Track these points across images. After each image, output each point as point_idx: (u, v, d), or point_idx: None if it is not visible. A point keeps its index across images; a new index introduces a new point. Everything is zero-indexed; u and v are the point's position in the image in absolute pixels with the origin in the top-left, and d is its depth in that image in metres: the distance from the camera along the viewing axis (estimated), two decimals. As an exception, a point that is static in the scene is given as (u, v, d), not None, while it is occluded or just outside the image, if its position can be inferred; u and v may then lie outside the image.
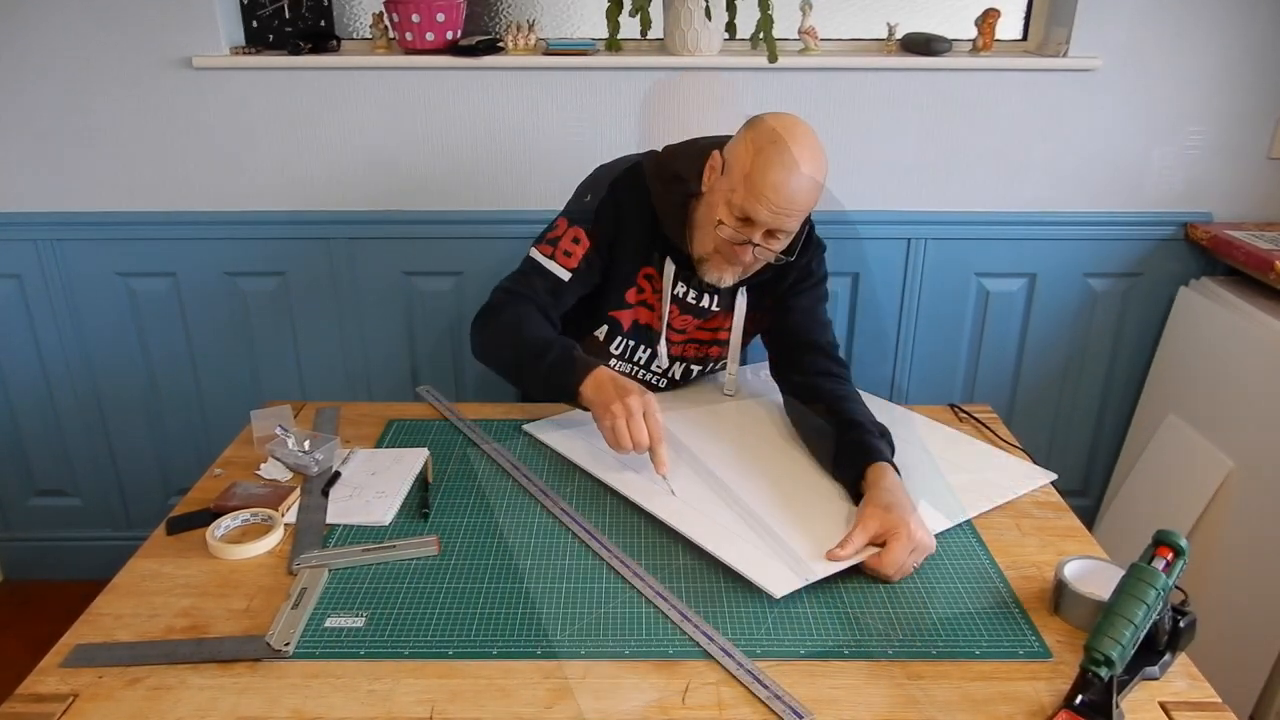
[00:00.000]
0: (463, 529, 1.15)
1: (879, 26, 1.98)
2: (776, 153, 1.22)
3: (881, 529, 1.06)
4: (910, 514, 1.07)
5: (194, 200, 1.95)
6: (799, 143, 1.23)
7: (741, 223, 1.26)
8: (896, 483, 1.12)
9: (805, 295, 1.43)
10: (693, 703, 0.87)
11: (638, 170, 1.39)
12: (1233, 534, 1.73)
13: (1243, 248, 1.82)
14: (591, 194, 1.38)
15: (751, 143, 1.25)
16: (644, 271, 1.41)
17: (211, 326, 2.05)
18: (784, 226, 1.26)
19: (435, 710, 0.86)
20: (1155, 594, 0.85)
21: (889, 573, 1.04)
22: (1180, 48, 1.86)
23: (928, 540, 1.06)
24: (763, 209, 1.23)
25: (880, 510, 1.07)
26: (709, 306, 1.44)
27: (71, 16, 1.80)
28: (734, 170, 1.26)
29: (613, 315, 1.43)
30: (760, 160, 1.22)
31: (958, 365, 2.11)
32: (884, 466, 1.14)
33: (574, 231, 1.37)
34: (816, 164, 1.24)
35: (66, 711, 0.86)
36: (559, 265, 1.37)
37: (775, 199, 1.22)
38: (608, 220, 1.36)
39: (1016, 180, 1.96)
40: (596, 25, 1.97)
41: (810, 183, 1.23)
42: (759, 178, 1.22)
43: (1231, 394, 1.79)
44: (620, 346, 1.46)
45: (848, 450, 1.20)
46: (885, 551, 1.04)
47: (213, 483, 1.25)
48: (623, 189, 1.37)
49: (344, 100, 1.88)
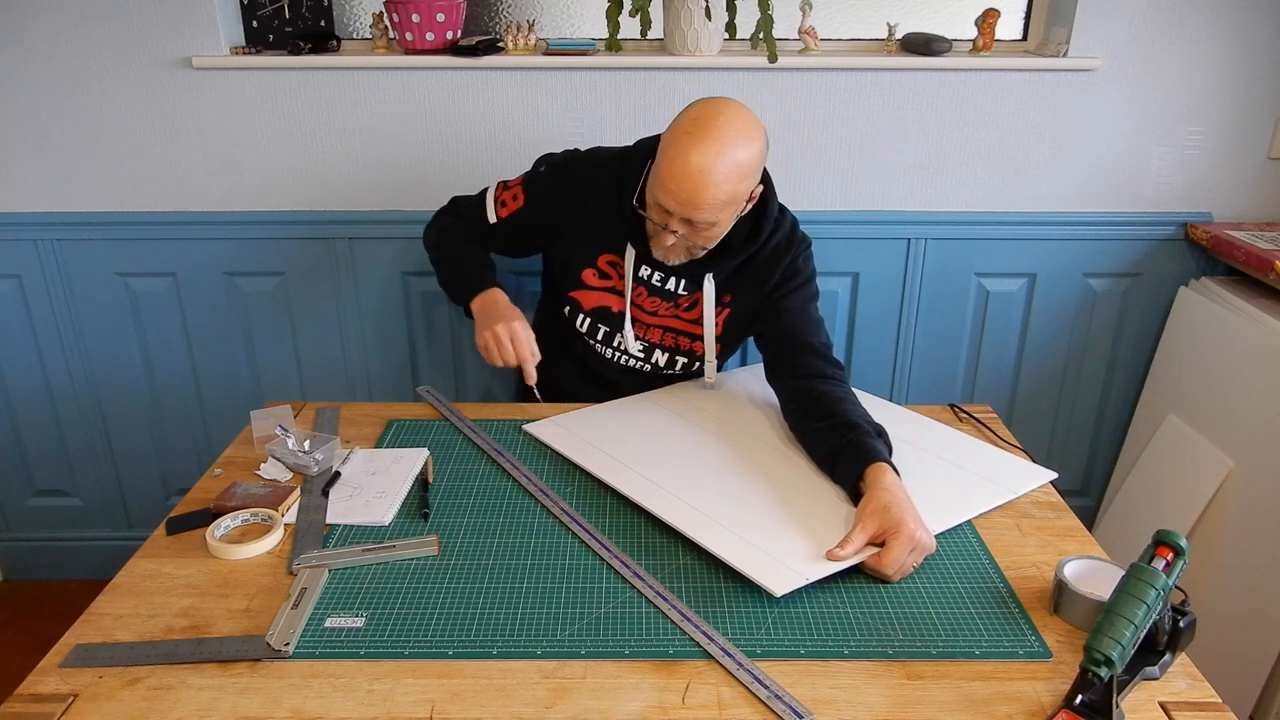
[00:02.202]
0: (463, 529, 1.15)
1: (879, 26, 1.98)
2: (679, 147, 1.23)
3: (881, 529, 1.06)
4: (909, 514, 1.07)
5: (194, 200, 1.95)
6: (709, 137, 1.22)
7: (656, 209, 1.29)
8: (895, 482, 1.12)
9: (794, 295, 1.43)
10: (693, 703, 0.87)
11: (605, 160, 1.44)
12: (1233, 534, 1.73)
13: (1243, 248, 1.82)
14: (549, 170, 1.48)
15: (670, 130, 1.27)
16: (605, 258, 1.44)
17: (211, 327, 2.05)
18: (694, 217, 1.26)
19: (435, 710, 0.86)
20: (1155, 594, 0.85)
21: (889, 573, 1.04)
22: (1180, 48, 1.86)
23: (927, 540, 1.06)
24: (668, 199, 1.25)
25: (879, 510, 1.07)
26: (675, 290, 1.45)
27: (71, 16, 1.80)
28: (657, 157, 1.29)
29: (572, 296, 1.48)
30: (669, 151, 1.25)
31: (958, 365, 2.11)
32: (882, 467, 1.14)
33: (514, 190, 1.49)
34: (722, 158, 1.22)
35: (66, 711, 0.86)
36: (490, 209, 1.50)
37: (677, 191, 1.24)
38: (557, 200, 1.44)
39: (1016, 180, 1.96)
40: (596, 25, 1.97)
41: (710, 178, 1.22)
42: (665, 169, 1.25)
43: (1231, 394, 1.79)
44: (584, 324, 1.50)
45: (846, 452, 1.20)
46: (885, 551, 1.04)
47: (212, 483, 1.25)
48: (586, 173, 1.44)
49: (344, 100, 1.88)
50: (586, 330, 1.51)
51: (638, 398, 1.50)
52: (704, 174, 1.22)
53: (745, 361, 2.07)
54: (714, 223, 1.29)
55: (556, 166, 1.46)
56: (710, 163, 1.22)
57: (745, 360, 2.08)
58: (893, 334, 2.07)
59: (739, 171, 1.25)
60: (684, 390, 1.53)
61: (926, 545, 1.06)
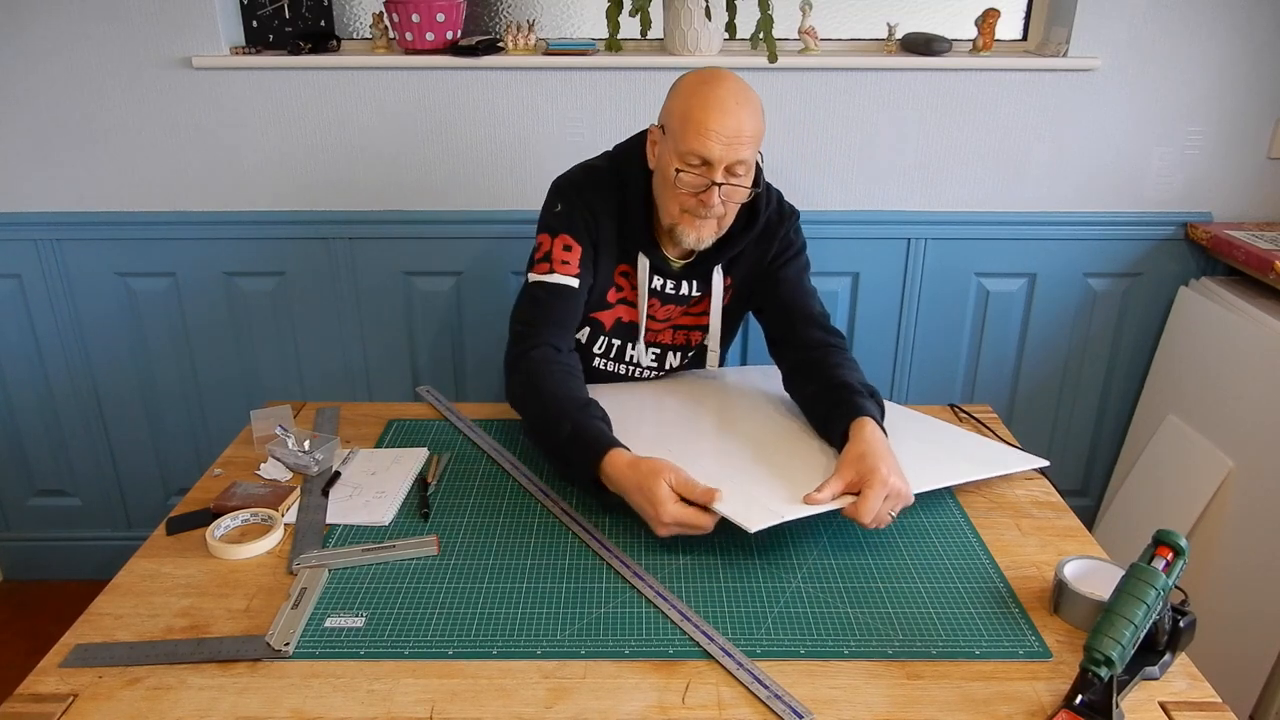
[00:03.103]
0: (463, 529, 1.15)
1: (879, 26, 1.98)
2: (709, 89, 1.26)
3: (856, 477, 1.09)
4: (884, 461, 1.09)
5: (194, 200, 1.95)
6: (725, 79, 1.27)
7: (698, 167, 1.28)
8: (876, 435, 1.15)
9: (790, 266, 1.44)
10: (693, 703, 0.87)
11: (595, 172, 1.41)
12: (1233, 534, 1.73)
13: (1243, 248, 1.82)
14: (561, 202, 1.38)
15: (681, 94, 1.28)
16: (620, 269, 1.42)
17: (211, 326, 2.05)
18: (739, 156, 1.26)
19: (435, 710, 0.86)
20: (1155, 594, 0.85)
21: (865, 520, 1.06)
22: (1180, 48, 1.86)
23: (902, 487, 1.09)
24: (713, 144, 1.25)
25: (855, 459, 1.11)
26: (690, 293, 1.44)
27: (71, 16, 1.80)
28: (674, 125, 1.28)
29: (594, 317, 1.44)
30: (696, 101, 1.25)
31: (958, 365, 2.11)
32: (865, 420, 1.17)
33: (561, 240, 1.36)
34: (748, 92, 1.27)
35: (66, 711, 0.86)
36: (562, 275, 1.35)
37: (721, 130, 1.24)
38: (585, 221, 1.37)
39: (1016, 180, 1.96)
40: (596, 25, 1.97)
41: (750, 107, 1.26)
42: (701, 116, 1.24)
43: (1231, 394, 1.79)
44: (603, 346, 1.47)
45: (835, 411, 1.23)
46: (860, 499, 1.07)
47: (212, 483, 1.25)
48: (589, 189, 1.38)
49: (344, 100, 1.88)
50: (602, 351, 1.47)
51: (626, 384, 1.51)
52: (740, 103, 1.25)
53: (745, 353, 2.08)
54: (748, 168, 1.29)
55: (567, 194, 1.39)
56: (743, 91, 1.26)
57: (745, 354, 2.08)
58: (893, 334, 2.07)
59: (761, 108, 1.29)
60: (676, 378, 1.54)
61: (902, 493, 1.09)
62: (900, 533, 1.14)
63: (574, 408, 1.22)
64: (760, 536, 1.10)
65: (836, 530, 1.15)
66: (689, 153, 1.26)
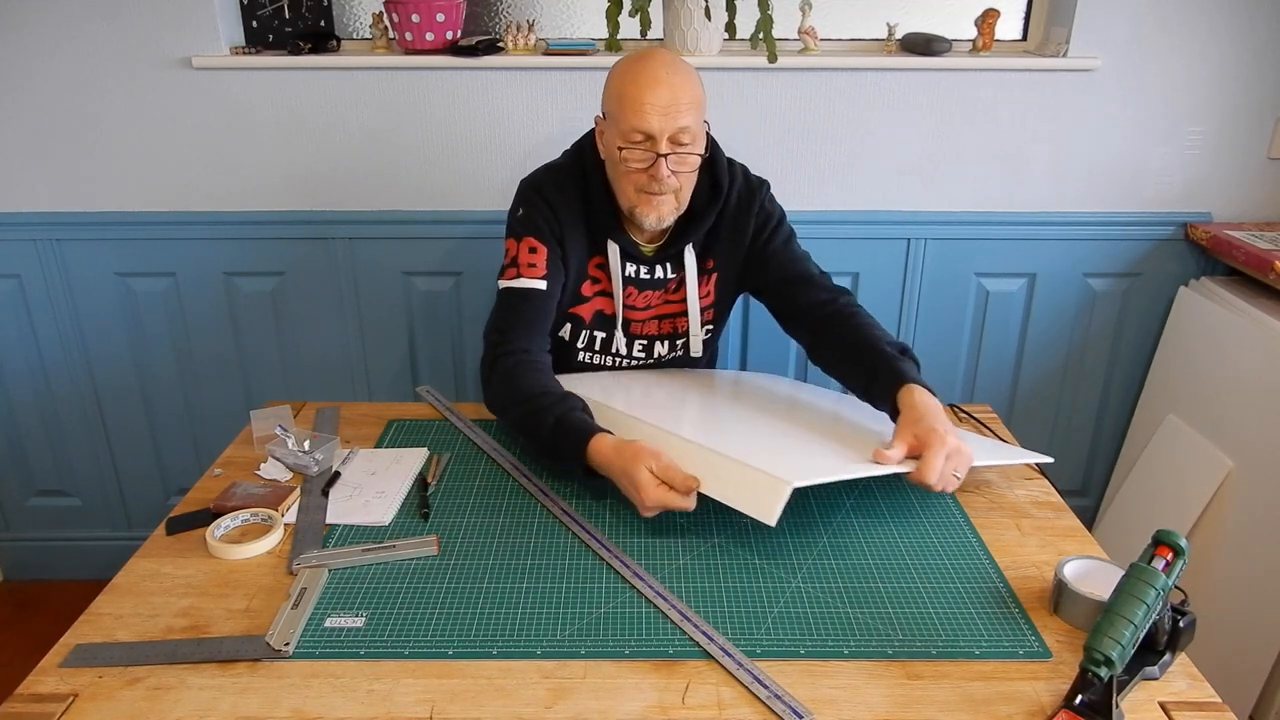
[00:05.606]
0: (463, 529, 1.15)
1: (879, 26, 1.98)
2: (640, 65, 1.28)
3: (916, 441, 1.10)
4: (940, 422, 1.11)
5: (194, 200, 1.95)
6: (655, 54, 1.30)
7: (642, 143, 1.29)
8: (927, 398, 1.18)
9: (775, 239, 1.45)
10: (693, 703, 0.87)
11: (557, 169, 1.42)
12: (1233, 534, 1.73)
13: (1242, 248, 1.82)
14: (523, 205, 1.40)
15: (615, 77, 1.31)
16: (594, 261, 1.43)
17: (211, 326, 2.05)
18: (679, 124, 1.27)
19: (435, 710, 0.86)
20: (1155, 594, 0.85)
21: (931, 479, 1.08)
22: (1180, 48, 1.86)
23: (963, 446, 1.10)
24: (651, 116, 1.26)
25: (912, 424, 1.13)
26: (664, 276, 1.45)
27: (71, 16, 1.80)
28: (613, 108, 1.30)
29: (573, 312, 1.45)
30: (629, 79, 1.28)
31: (958, 365, 2.11)
32: (911, 387, 1.19)
33: (526, 243, 1.37)
34: (678, 63, 1.29)
35: (66, 711, 0.86)
36: (529, 279, 1.36)
37: (656, 101, 1.25)
38: (547, 219, 1.38)
39: (1016, 180, 1.96)
40: (596, 25, 1.97)
41: (681, 75, 1.28)
42: (634, 92, 1.26)
43: (1231, 394, 1.79)
44: (585, 340, 1.48)
45: (875, 380, 1.25)
46: (922, 462, 1.08)
47: (212, 483, 1.25)
48: (548, 187, 1.40)
49: (344, 100, 1.88)
50: (585, 344, 1.49)
51: (626, 371, 1.51)
52: (672, 72, 1.27)
53: (746, 353, 2.08)
54: (693, 136, 1.30)
55: (528, 196, 1.40)
56: (674, 61, 1.28)
57: (746, 346, 2.08)
58: (892, 334, 2.07)
59: (696, 77, 1.30)
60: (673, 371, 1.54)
61: (963, 451, 1.10)
62: (900, 533, 1.14)
63: (553, 402, 1.24)
64: (760, 537, 1.10)
65: (837, 530, 1.15)
66: (630, 130, 1.28)
